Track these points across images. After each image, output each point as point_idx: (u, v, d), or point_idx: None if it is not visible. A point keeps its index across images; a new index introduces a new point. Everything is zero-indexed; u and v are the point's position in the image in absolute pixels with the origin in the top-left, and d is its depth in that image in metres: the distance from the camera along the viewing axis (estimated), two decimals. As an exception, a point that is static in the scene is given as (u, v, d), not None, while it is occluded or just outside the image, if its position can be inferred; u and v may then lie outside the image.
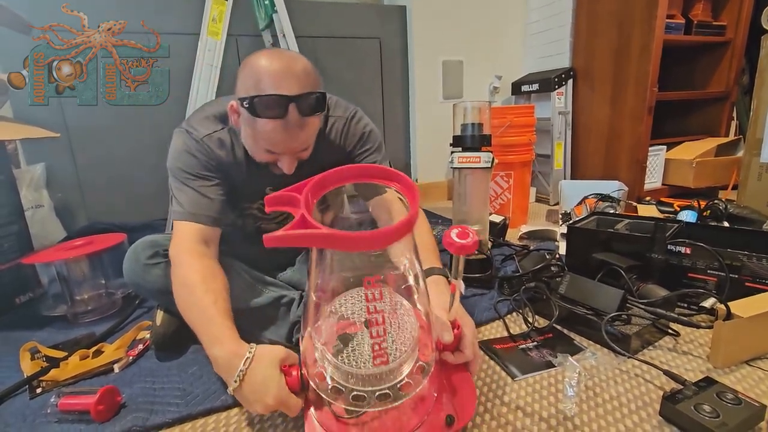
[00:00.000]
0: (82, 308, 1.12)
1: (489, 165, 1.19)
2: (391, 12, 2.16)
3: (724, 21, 1.92)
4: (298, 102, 0.69)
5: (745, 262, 0.90)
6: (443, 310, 0.62)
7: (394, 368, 0.52)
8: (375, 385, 0.52)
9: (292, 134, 0.72)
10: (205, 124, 0.82)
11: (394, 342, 0.53)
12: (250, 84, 0.69)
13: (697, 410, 0.58)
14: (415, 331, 0.55)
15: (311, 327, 0.56)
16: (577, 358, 0.78)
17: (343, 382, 0.53)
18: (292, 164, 0.78)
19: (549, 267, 1.05)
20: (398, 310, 0.56)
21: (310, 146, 0.79)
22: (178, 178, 0.81)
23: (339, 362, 0.53)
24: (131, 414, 0.69)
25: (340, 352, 0.54)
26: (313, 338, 0.56)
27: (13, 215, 1.19)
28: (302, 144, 0.75)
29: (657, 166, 1.95)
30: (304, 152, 0.78)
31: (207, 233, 0.80)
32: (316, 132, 0.77)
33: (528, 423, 0.64)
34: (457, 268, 0.56)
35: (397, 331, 0.54)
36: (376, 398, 0.52)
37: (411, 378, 0.53)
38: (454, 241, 0.52)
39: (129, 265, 0.86)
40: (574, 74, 2.11)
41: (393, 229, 0.47)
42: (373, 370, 0.51)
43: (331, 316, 0.56)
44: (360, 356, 0.53)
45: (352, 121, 0.92)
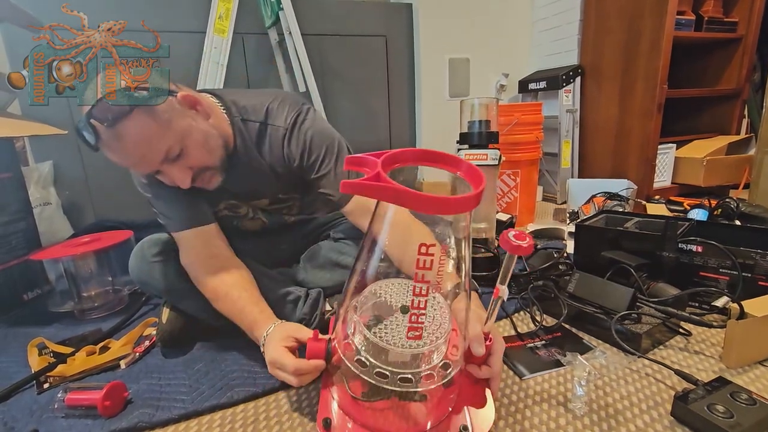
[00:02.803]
0: (89, 305, 1.12)
1: (496, 162, 1.18)
2: (397, 10, 2.15)
3: (735, 17, 1.89)
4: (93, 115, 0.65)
5: (758, 260, 0.88)
6: (478, 322, 0.60)
7: (421, 354, 0.53)
8: (399, 368, 0.52)
9: (112, 151, 0.68)
10: None
11: (428, 328, 0.53)
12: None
13: (711, 410, 0.57)
14: (447, 324, 0.55)
15: (349, 302, 0.57)
16: (587, 357, 0.76)
17: (369, 357, 0.53)
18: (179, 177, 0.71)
19: (557, 265, 1.04)
20: (434, 303, 0.56)
21: (180, 149, 0.70)
22: (148, 192, 0.82)
23: (370, 335, 0.53)
24: (138, 410, 0.69)
25: (373, 326, 0.54)
26: (349, 312, 0.57)
27: (21, 212, 1.20)
28: (135, 152, 0.68)
29: (666, 165, 1.92)
30: (182, 159, 0.70)
31: (205, 233, 0.81)
32: (156, 135, 0.67)
33: (536, 422, 0.63)
34: (507, 271, 0.54)
35: (431, 321, 0.54)
36: (398, 379, 0.52)
37: (434, 371, 0.54)
38: (510, 240, 0.50)
39: (135, 262, 0.86)
40: (582, 72, 2.09)
41: (465, 198, 0.47)
42: (402, 349, 0.51)
43: (371, 297, 0.57)
44: (392, 333, 0.53)
45: (293, 130, 0.80)
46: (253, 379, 0.75)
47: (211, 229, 0.83)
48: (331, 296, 0.93)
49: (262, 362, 0.77)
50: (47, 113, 1.48)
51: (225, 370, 0.79)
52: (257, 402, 0.71)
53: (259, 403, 0.70)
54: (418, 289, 0.49)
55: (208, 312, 0.80)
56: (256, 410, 0.69)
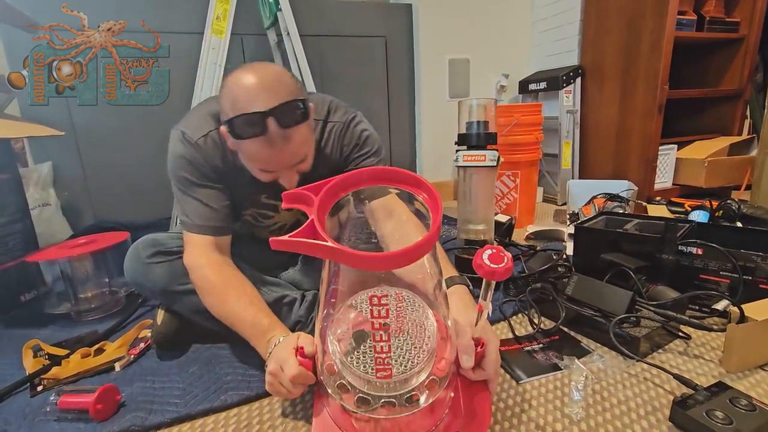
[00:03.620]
0: (86, 306, 1.12)
1: (494, 163, 1.17)
2: (397, 10, 2.15)
3: (737, 17, 1.87)
4: (275, 115, 0.67)
5: (760, 263, 0.87)
6: (470, 326, 0.59)
7: (400, 381, 0.51)
8: (381, 392, 0.51)
9: (277, 149, 0.70)
10: (200, 124, 0.80)
11: (408, 352, 0.51)
12: (228, 106, 0.69)
13: (709, 416, 0.56)
14: (432, 343, 0.52)
15: (326, 319, 0.56)
16: (584, 361, 0.76)
17: (351, 381, 0.52)
18: (292, 179, 0.76)
19: (556, 267, 1.03)
20: (416, 316, 0.54)
21: (308, 157, 0.76)
22: (180, 186, 0.81)
23: (348, 362, 0.52)
24: (130, 413, 0.68)
25: (351, 352, 0.53)
26: (327, 331, 0.55)
27: (18, 213, 1.20)
28: (292, 157, 0.73)
29: (667, 166, 1.91)
30: (302, 164, 0.76)
31: (218, 241, 0.81)
32: (306, 141, 0.74)
33: (533, 427, 0.62)
34: (486, 292, 0.51)
35: (412, 341, 0.52)
36: (380, 405, 0.51)
37: (420, 390, 0.52)
38: (483, 264, 0.47)
39: (130, 263, 0.86)
40: (582, 72, 2.08)
41: (409, 250, 0.44)
42: (381, 380, 0.50)
43: (350, 310, 0.55)
44: (370, 361, 0.51)
45: (350, 125, 0.89)
46: (247, 382, 0.75)
47: (224, 239, 0.83)
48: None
49: (257, 366, 0.76)
50: (47, 114, 1.49)
51: (219, 373, 0.78)
52: (251, 406, 0.70)
53: (253, 407, 0.70)
54: (378, 336, 0.48)
55: (202, 314, 0.80)
56: (249, 414, 0.68)
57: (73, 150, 1.71)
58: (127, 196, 1.82)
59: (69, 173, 1.71)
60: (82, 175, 1.75)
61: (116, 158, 1.76)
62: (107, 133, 1.73)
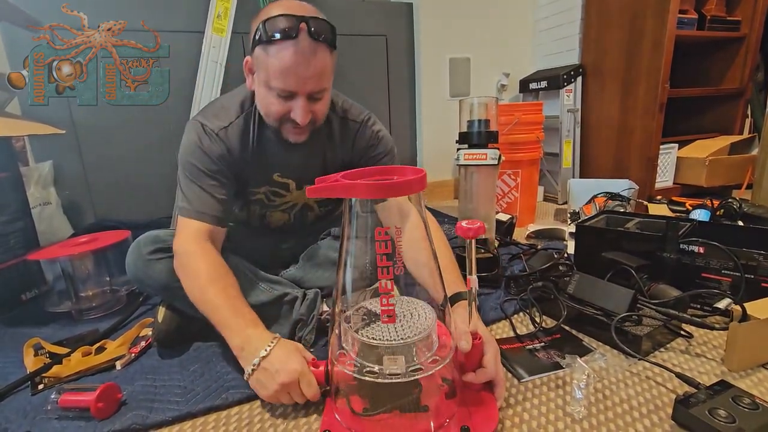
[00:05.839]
0: (87, 305, 1.12)
1: (496, 162, 1.17)
2: (397, 9, 2.15)
3: (738, 16, 1.87)
4: (308, 22, 0.68)
5: (761, 261, 0.87)
6: (463, 322, 0.61)
7: (406, 345, 0.55)
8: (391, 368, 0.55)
9: (304, 60, 0.70)
10: (220, 116, 0.83)
11: (408, 322, 0.57)
12: (261, 19, 0.71)
13: (712, 415, 0.56)
14: (430, 320, 0.58)
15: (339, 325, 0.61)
16: (586, 359, 0.76)
17: (361, 359, 0.56)
18: (305, 111, 0.75)
19: (557, 266, 1.03)
20: (414, 305, 0.61)
21: (325, 92, 0.77)
22: (188, 173, 0.82)
23: (358, 336, 0.56)
24: (131, 411, 0.68)
25: (361, 329, 0.58)
26: (340, 319, 0.60)
27: (19, 212, 1.19)
28: (315, 78, 0.72)
29: (668, 165, 1.91)
30: (317, 103, 0.76)
31: (212, 231, 0.81)
32: (329, 73, 0.76)
33: (534, 426, 0.62)
34: (471, 259, 0.56)
35: (410, 319, 0.58)
36: (387, 375, 0.54)
37: (423, 365, 0.55)
38: (461, 225, 0.56)
39: (131, 260, 0.86)
40: (583, 71, 2.08)
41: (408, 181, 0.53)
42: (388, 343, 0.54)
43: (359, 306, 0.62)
44: (380, 333, 0.56)
45: (365, 125, 0.93)
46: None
47: (219, 230, 0.82)
48: (329, 297, 0.92)
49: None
50: (47, 113, 1.48)
51: (220, 372, 0.78)
52: (252, 404, 0.70)
53: (254, 406, 0.70)
54: (383, 271, 0.53)
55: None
56: (250, 412, 0.68)
57: (74, 149, 1.70)
58: (127, 194, 1.81)
59: (70, 172, 1.71)
60: (83, 173, 1.74)
61: (117, 157, 1.76)
62: (108, 132, 1.72)
